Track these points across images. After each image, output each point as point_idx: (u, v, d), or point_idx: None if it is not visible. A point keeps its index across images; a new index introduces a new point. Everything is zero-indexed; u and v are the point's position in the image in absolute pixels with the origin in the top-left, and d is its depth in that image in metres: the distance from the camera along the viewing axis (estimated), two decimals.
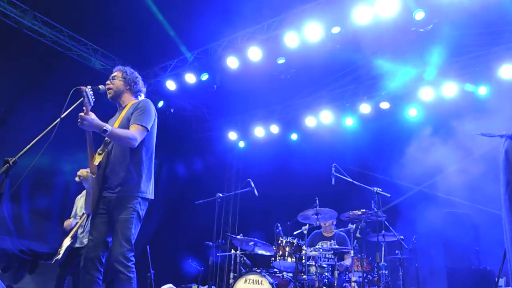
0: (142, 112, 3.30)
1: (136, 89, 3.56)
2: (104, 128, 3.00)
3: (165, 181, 9.47)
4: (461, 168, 7.10)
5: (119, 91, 3.48)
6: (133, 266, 3.09)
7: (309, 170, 7.75)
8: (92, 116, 3.00)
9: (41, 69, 7.21)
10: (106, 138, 3.32)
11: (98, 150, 3.29)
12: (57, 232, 7.48)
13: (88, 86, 3.00)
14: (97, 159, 3.22)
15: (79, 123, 2.96)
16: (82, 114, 2.95)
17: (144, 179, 3.25)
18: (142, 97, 3.63)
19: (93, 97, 3.02)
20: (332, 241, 5.91)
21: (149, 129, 3.30)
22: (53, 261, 5.26)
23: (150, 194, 3.33)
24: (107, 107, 3.63)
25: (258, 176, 6.47)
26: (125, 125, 3.28)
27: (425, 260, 6.83)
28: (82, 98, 2.96)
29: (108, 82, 3.47)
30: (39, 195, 7.20)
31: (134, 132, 3.19)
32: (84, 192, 5.30)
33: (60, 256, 5.09)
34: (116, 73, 3.53)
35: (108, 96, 3.48)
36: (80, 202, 5.72)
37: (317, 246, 5.65)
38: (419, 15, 5.73)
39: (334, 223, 6.27)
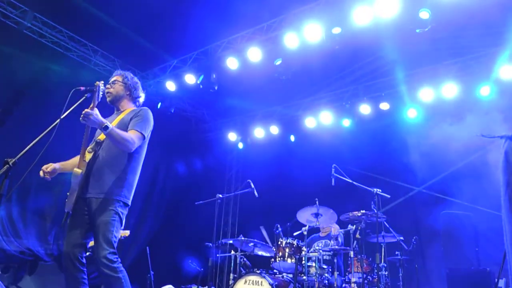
0: (141, 119, 3.31)
1: (135, 95, 3.57)
2: (106, 125, 2.99)
3: (165, 182, 9.46)
4: (461, 168, 7.11)
5: (118, 96, 3.48)
6: (119, 265, 3.04)
7: (309, 171, 7.74)
8: (96, 111, 2.99)
9: (41, 69, 7.21)
10: (98, 138, 3.31)
11: (88, 148, 3.27)
12: (56, 232, 7.49)
13: (101, 82, 3.04)
14: (88, 156, 3.20)
15: (82, 118, 2.93)
16: (87, 109, 2.94)
17: (127, 185, 3.23)
18: (140, 103, 3.63)
19: (102, 93, 3.06)
20: (327, 240, 5.92)
21: (146, 137, 3.30)
22: None
23: (130, 201, 3.31)
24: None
25: (258, 177, 6.47)
26: (121, 128, 3.25)
27: (425, 261, 6.84)
28: (83, 97, 2.97)
29: (108, 86, 3.47)
30: (37, 195, 7.19)
31: (133, 136, 3.19)
32: None
33: None
34: (117, 78, 3.53)
35: (107, 99, 3.48)
36: None
37: (312, 249, 5.65)
38: (424, 14, 5.69)
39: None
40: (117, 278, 2.99)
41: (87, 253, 4.26)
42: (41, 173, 3.22)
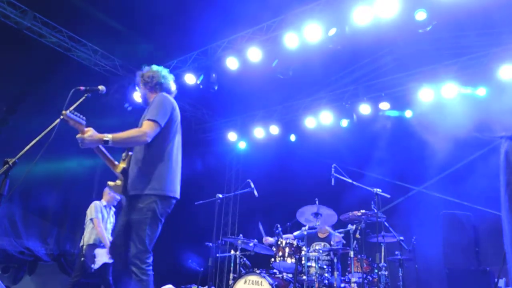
0: (153, 107, 3.22)
1: (152, 85, 3.50)
2: (104, 138, 2.89)
3: None
4: (461, 168, 7.11)
5: (143, 95, 3.54)
6: (148, 268, 3.01)
7: (308, 171, 7.74)
8: (89, 132, 2.86)
9: (41, 69, 7.22)
10: None
11: (122, 156, 3.28)
12: (56, 233, 7.48)
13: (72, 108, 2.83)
14: (121, 166, 3.20)
15: (80, 145, 2.86)
16: (79, 135, 2.84)
17: (156, 177, 3.14)
18: (161, 89, 3.54)
19: (81, 116, 2.84)
20: (326, 243, 5.92)
21: (161, 123, 3.18)
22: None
23: (171, 192, 3.23)
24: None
25: (258, 177, 6.47)
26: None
27: (425, 261, 6.83)
28: (83, 97, 2.97)
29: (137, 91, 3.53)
30: (37, 195, 7.19)
31: (142, 128, 3.09)
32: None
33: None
34: (138, 79, 3.59)
35: (142, 103, 3.58)
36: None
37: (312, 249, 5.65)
38: (421, 15, 5.70)
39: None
40: (139, 280, 2.92)
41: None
42: None
